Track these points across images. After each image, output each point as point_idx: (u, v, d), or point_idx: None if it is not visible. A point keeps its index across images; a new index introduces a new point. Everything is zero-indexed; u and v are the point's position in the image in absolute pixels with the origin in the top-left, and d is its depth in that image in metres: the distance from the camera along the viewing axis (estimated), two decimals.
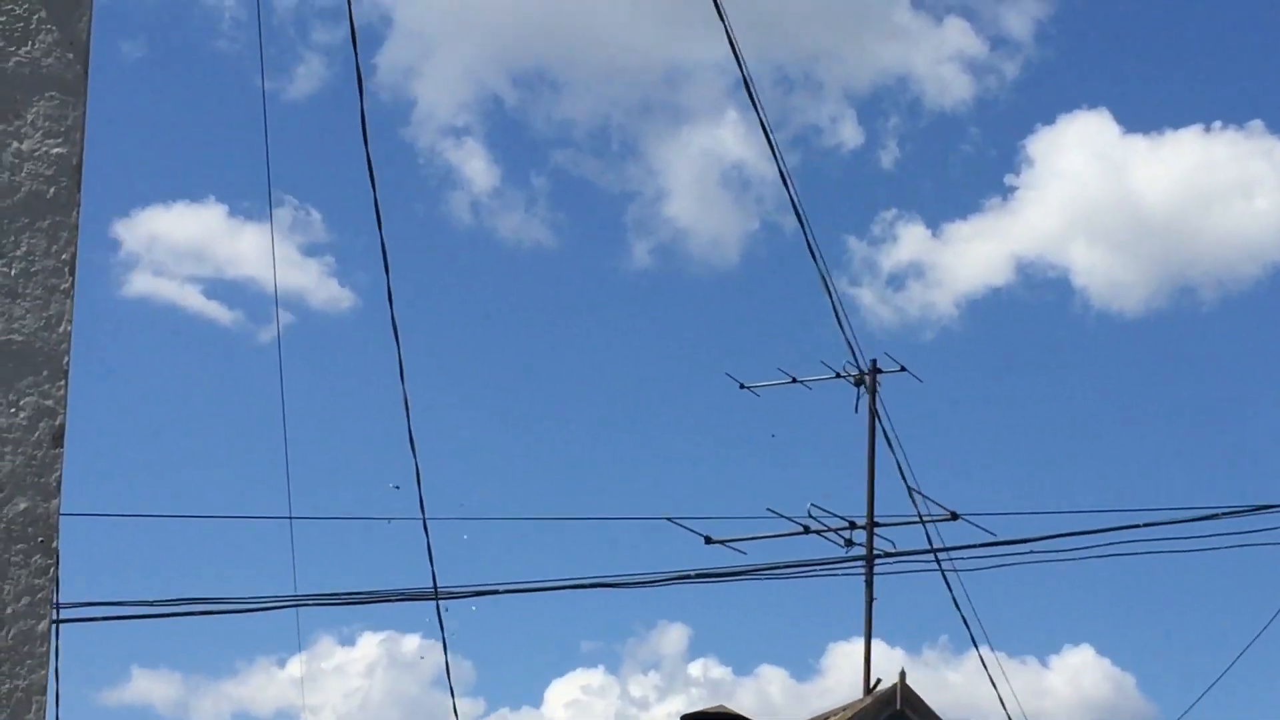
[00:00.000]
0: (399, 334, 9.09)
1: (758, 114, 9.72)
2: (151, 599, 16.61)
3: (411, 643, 39.24)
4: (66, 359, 5.17)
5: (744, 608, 42.10)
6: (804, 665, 51.00)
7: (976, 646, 19.06)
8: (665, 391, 43.31)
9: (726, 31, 9.34)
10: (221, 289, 41.61)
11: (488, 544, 38.64)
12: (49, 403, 5.13)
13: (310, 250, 42.01)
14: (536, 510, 44.12)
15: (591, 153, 43.35)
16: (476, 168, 42.83)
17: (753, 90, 9.71)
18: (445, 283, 44.29)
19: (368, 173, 8.41)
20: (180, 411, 42.36)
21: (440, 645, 10.51)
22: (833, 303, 11.14)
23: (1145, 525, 17.62)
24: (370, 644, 39.67)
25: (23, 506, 5.05)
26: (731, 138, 42.39)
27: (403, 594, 15.49)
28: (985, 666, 19.37)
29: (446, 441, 40.73)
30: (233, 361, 42.10)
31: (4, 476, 5.05)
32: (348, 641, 40.49)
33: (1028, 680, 37.03)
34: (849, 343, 11.73)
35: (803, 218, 10.53)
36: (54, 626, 5.02)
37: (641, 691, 39.00)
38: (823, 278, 10.82)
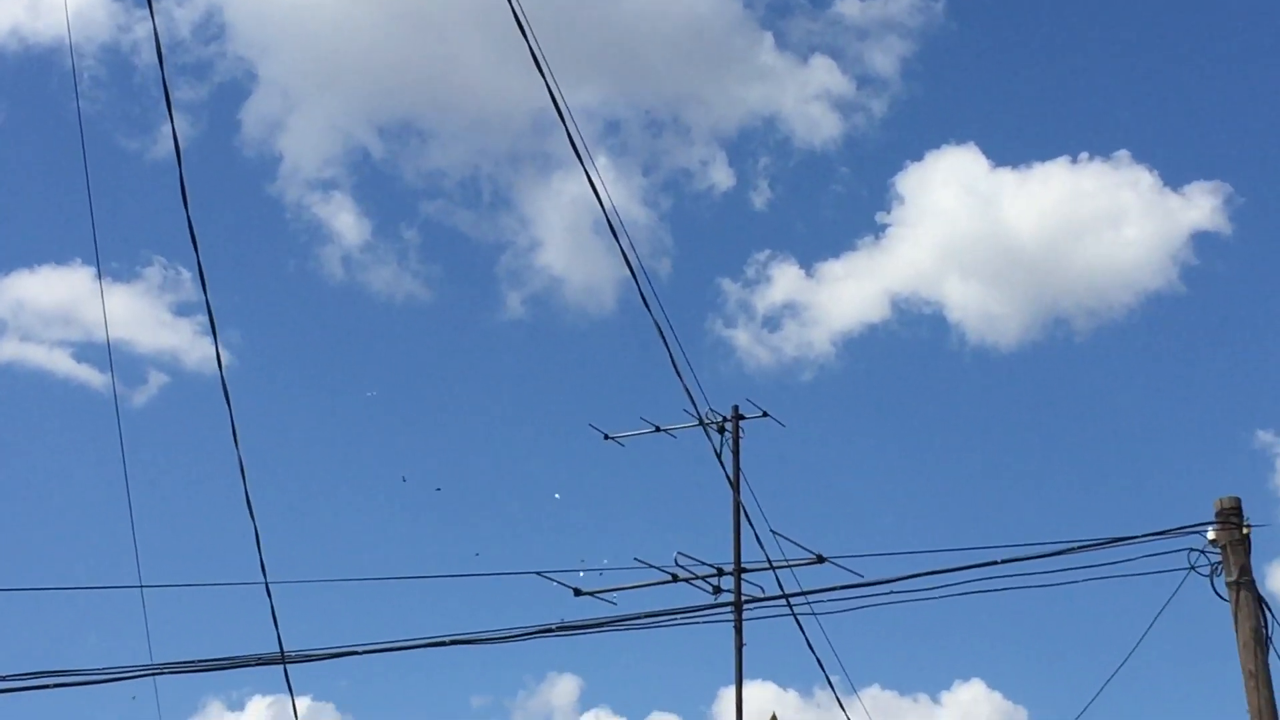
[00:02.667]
0: (229, 395, 9.01)
1: (591, 182, 9.73)
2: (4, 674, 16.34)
3: (302, 704, 38.88)
4: None
5: (632, 657, 42.12)
6: (696, 712, 50.96)
7: (833, 686, 19.09)
8: (534, 444, 43.27)
9: (552, 95, 9.36)
10: (92, 352, 41.23)
11: (363, 604, 38.34)
12: None
13: (181, 310, 41.74)
14: (404, 568, 43.92)
15: (463, 203, 43.39)
16: (346, 221, 42.80)
17: (588, 168, 9.72)
18: (318, 338, 44.10)
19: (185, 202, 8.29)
20: (53, 476, 41.89)
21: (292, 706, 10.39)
22: (670, 356, 11.14)
23: (1004, 562, 17.72)
24: (259, 707, 39.33)
25: None
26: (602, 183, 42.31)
27: (256, 659, 15.34)
28: (842, 703, 19.37)
29: (314, 497, 40.44)
30: (105, 425, 41.66)
31: None
32: (236, 706, 40.13)
33: (920, 717, 37.19)
34: (688, 391, 11.75)
35: (634, 272, 10.54)
36: None
37: None
38: (658, 329, 10.83)
